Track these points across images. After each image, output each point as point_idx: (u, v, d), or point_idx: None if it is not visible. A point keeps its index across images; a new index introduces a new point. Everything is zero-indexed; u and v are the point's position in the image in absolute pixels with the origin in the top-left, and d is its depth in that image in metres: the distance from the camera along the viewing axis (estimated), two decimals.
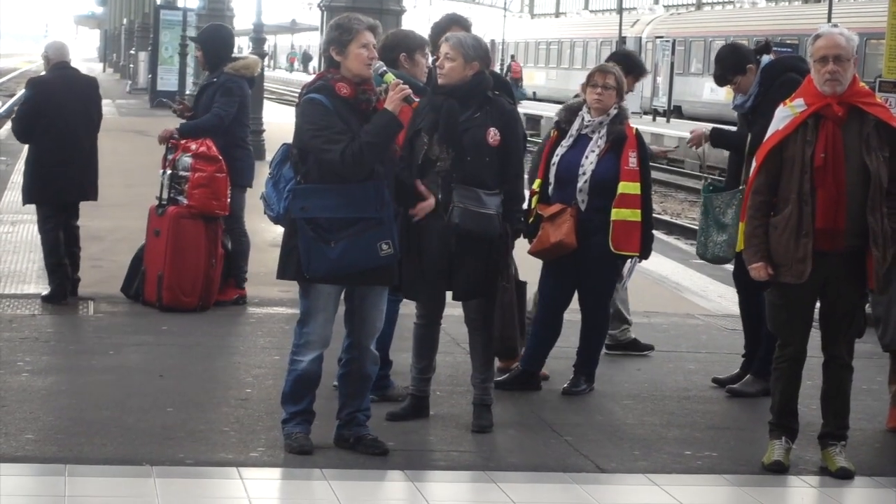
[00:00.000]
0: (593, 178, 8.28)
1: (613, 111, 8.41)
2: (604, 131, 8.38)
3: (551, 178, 8.44)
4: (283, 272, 6.97)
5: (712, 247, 8.77)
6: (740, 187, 8.59)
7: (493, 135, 7.46)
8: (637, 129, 8.45)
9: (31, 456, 6.70)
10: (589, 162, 8.32)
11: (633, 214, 8.30)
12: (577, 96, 8.79)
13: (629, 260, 8.47)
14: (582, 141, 8.40)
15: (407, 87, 6.86)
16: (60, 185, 10.71)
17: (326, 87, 6.89)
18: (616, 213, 8.27)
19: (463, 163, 7.38)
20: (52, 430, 7.14)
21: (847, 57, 6.95)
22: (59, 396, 7.82)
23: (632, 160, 8.32)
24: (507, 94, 8.07)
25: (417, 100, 7.05)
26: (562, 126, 8.53)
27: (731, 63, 8.73)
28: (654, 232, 9.10)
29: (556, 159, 8.44)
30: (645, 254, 8.47)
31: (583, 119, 8.44)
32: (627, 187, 8.29)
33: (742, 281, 8.69)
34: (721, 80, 8.83)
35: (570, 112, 8.54)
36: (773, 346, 8.61)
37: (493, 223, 7.43)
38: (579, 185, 8.30)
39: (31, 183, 10.75)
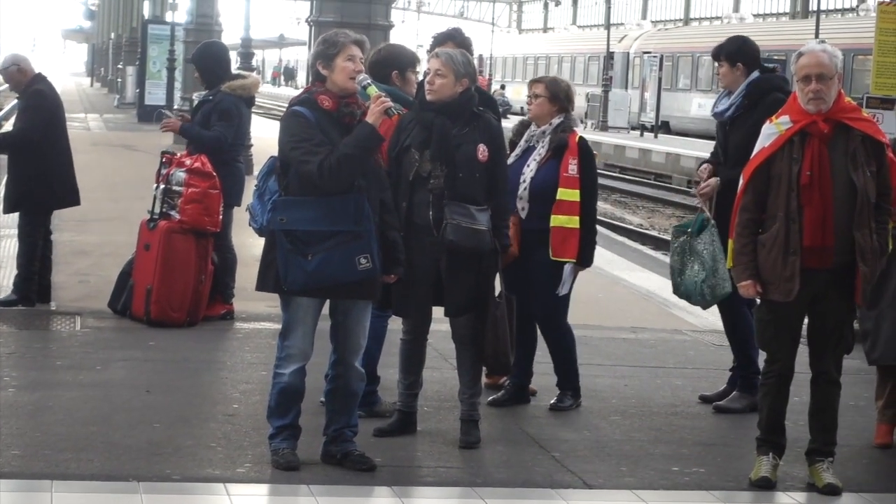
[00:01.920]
0: (533, 186, 8.28)
1: (556, 120, 8.42)
2: (546, 140, 8.40)
3: None
4: (263, 284, 6.98)
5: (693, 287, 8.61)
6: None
7: (483, 151, 7.47)
8: (582, 138, 8.43)
9: (16, 472, 6.67)
10: (529, 170, 8.34)
11: (570, 221, 8.29)
12: None
13: (566, 267, 8.40)
14: (528, 151, 8.44)
15: (388, 99, 6.87)
16: (63, 193, 11.01)
17: (310, 100, 6.92)
18: (553, 220, 8.26)
19: (455, 179, 7.39)
20: (38, 445, 7.12)
21: (830, 75, 6.96)
22: (46, 412, 7.80)
23: (571, 167, 8.31)
24: (493, 109, 8.09)
25: (398, 112, 7.05)
26: (513, 140, 8.59)
27: (730, 49, 8.73)
28: (642, 247, 9.12)
29: None
30: (584, 261, 8.41)
31: (529, 130, 8.49)
32: (565, 194, 8.29)
33: (727, 301, 8.71)
34: (715, 55, 8.81)
35: (522, 126, 8.65)
36: (749, 361, 8.66)
37: (486, 238, 7.44)
38: (518, 192, 8.31)
39: (35, 191, 10.78)
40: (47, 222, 11.24)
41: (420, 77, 8.28)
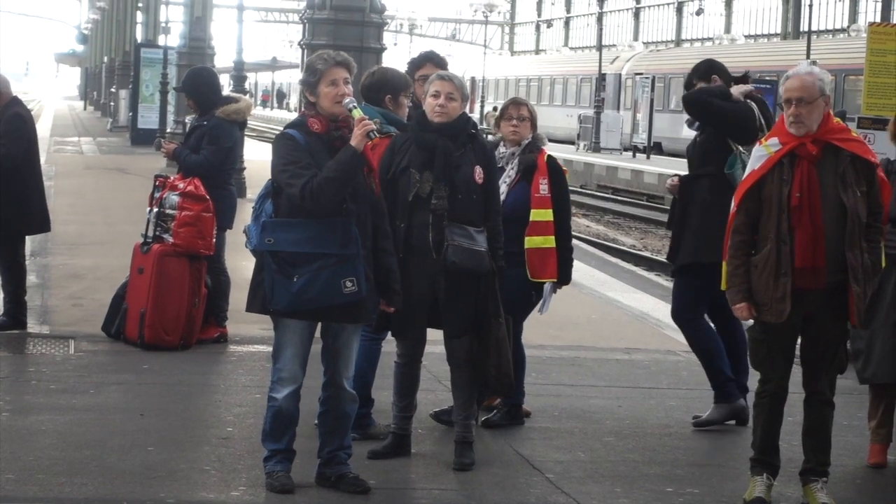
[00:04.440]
0: (504, 209, 8.19)
1: (525, 141, 8.45)
2: (515, 161, 8.41)
3: None
4: (251, 304, 7.01)
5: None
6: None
7: (479, 173, 7.50)
8: (551, 156, 8.44)
9: (11, 496, 6.67)
10: (500, 193, 8.31)
11: (546, 241, 8.31)
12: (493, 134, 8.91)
13: (545, 286, 8.41)
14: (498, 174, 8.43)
15: (371, 122, 6.89)
16: (36, 218, 10.99)
17: (301, 123, 6.97)
18: (528, 241, 8.26)
19: (455, 201, 7.42)
20: (32, 469, 7.11)
21: (810, 99, 6.98)
22: (40, 436, 7.79)
23: (542, 187, 8.33)
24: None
25: (379, 136, 7.09)
26: None
27: (700, 69, 9.04)
28: (635, 268, 9.14)
29: None
30: (563, 279, 8.45)
31: (498, 152, 8.49)
32: (538, 214, 8.31)
33: (682, 318, 8.86)
34: (687, 84, 9.10)
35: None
36: (718, 372, 8.72)
37: (485, 260, 7.46)
38: None
39: (10, 216, 10.73)
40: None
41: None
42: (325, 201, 6.77)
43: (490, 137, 8.71)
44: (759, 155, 7.13)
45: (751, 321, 7.20)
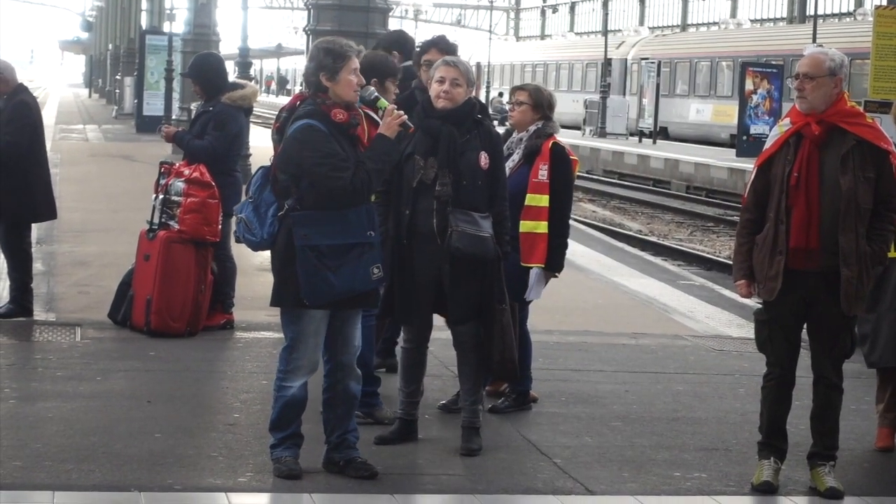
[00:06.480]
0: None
1: (534, 127, 8.43)
2: (522, 146, 8.41)
3: None
4: (281, 300, 6.93)
5: None
6: None
7: (484, 158, 7.49)
8: (556, 143, 8.40)
9: (18, 483, 6.67)
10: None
11: (537, 226, 8.28)
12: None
13: (532, 272, 8.38)
14: (507, 158, 8.41)
15: (404, 113, 6.89)
16: (42, 205, 10.98)
17: (320, 113, 6.86)
18: (521, 226, 8.23)
19: (459, 187, 7.41)
20: (39, 456, 7.11)
21: (815, 75, 6.97)
22: (47, 423, 7.79)
23: (541, 173, 8.30)
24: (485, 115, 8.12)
25: (412, 126, 7.09)
26: None
27: (386, 39, 9.79)
28: (642, 253, 9.11)
29: None
30: (552, 266, 8.38)
31: (511, 138, 8.50)
32: (533, 199, 8.29)
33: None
34: (374, 47, 9.61)
35: (507, 134, 8.64)
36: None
37: (490, 245, 7.45)
38: None
39: (17, 203, 10.73)
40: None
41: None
42: (372, 192, 6.83)
43: (500, 130, 8.69)
44: (773, 134, 7.15)
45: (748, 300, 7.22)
